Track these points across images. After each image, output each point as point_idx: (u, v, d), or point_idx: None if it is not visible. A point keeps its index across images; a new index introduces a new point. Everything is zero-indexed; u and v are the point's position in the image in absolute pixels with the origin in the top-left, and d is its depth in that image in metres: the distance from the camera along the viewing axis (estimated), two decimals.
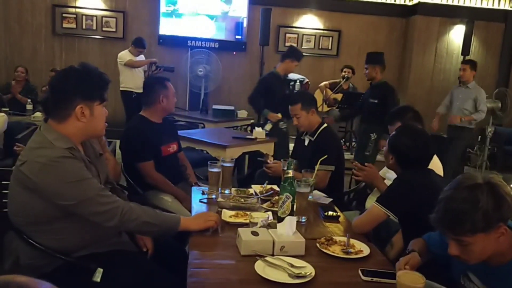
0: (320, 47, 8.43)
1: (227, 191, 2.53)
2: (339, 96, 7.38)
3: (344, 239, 1.97)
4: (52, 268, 1.86)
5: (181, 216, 2.01)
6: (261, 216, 2.13)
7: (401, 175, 2.16)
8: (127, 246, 2.06)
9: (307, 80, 8.08)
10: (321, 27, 8.36)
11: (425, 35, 8.30)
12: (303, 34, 8.34)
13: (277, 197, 2.45)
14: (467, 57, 7.18)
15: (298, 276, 1.60)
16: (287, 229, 1.87)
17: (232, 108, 6.21)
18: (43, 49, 7.70)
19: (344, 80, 7.15)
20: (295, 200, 2.15)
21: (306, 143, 3.26)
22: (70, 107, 1.81)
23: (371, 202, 2.81)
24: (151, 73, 7.01)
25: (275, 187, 2.64)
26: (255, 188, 2.65)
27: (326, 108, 7.52)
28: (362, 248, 1.91)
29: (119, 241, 2.03)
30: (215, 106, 6.25)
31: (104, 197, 1.82)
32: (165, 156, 3.05)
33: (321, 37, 8.38)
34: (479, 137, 7.45)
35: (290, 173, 2.17)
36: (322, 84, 7.61)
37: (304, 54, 8.36)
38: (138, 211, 1.88)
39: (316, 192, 2.73)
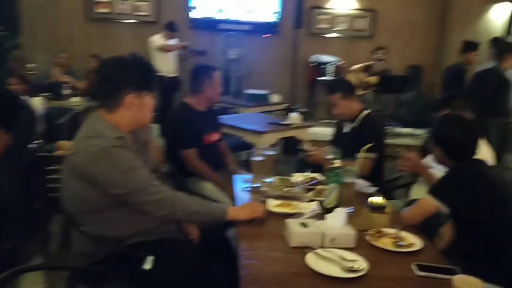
0: (354, 28, 8.25)
1: (270, 180, 2.52)
2: (372, 79, 7.23)
3: (394, 231, 1.93)
4: (103, 256, 1.90)
5: (229, 205, 2.01)
6: (307, 207, 2.12)
7: (455, 165, 2.09)
8: (175, 234, 2.08)
9: (340, 62, 7.96)
10: (356, 7, 8.16)
11: (464, 14, 8.00)
12: (336, 15, 8.17)
13: (321, 187, 2.42)
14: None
15: (350, 270, 1.58)
16: (337, 220, 1.84)
17: (265, 92, 6.16)
18: (78, 34, 7.80)
19: (379, 62, 6.99)
20: (341, 190, 2.12)
21: (346, 130, 3.21)
22: (121, 97, 1.83)
23: (416, 191, 2.77)
24: (184, 57, 7.03)
25: (318, 175, 2.61)
26: (297, 177, 2.63)
27: (360, 92, 7.39)
28: (414, 241, 1.86)
29: (167, 229, 2.04)
30: (248, 91, 6.21)
31: (155, 186, 1.84)
32: (207, 144, 3.06)
33: (355, 18, 8.19)
34: None
35: (337, 162, 2.14)
36: (355, 67, 7.46)
37: (336, 35, 8.29)
38: (187, 201, 1.89)
39: (359, 180, 2.69)
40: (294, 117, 4.40)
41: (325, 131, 7.04)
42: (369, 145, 2.61)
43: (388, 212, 2.25)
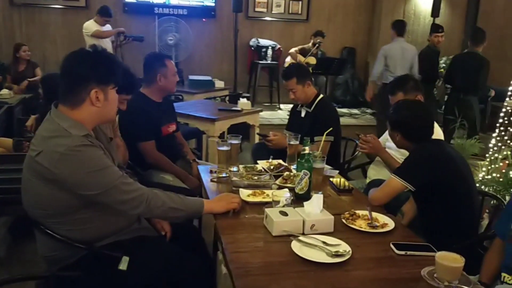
0: (290, 12, 8.32)
1: (235, 169, 2.51)
2: (311, 60, 7.36)
3: (366, 212, 2.00)
4: (76, 259, 1.81)
5: (203, 199, 1.98)
6: (280, 194, 2.13)
7: (418, 147, 2.20)
8: (148, 231, 2.03)
9: (279, 46, 8.02)
10: None
11: None
12: None
13: (288, 173, 2.45)
14: (437, 19, 7.30)
15: (336, 255, 1.62)
16: (315, 207, 1.88)
17: (209, 78, 6.10)
18: (1, 21, 7.22)
19: (316, 47, 7.16)
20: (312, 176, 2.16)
21: (302, 115, 3.25)
22: (85, 92, 1.73)
23: (372, 171, 2.88)
24: (119, 43, 6.75)
25: (282, 162, 2.64)
26: (262, 164, 2.64)
27: None
28: (386, 221, 1.94)
29: (140, 227, 1.99)
30: (191, 77, 6.10)
31: (128, 184, 1.77)
32: (164, 135, 2.98)
33: (290, 2, 8.26)
34: None
35: (307, 149, 2.17)
36: (293, 50, 7.55)
37: (274, 19, 8.33)
38: (163, 197, 1.84)
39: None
40: (244, 103, 4.40)
41: (271, 115, 7.18)
42: (330, 129, 2.67)
43: (354, 193, 2.33)
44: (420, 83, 2.82)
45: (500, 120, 4.68)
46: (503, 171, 3.82)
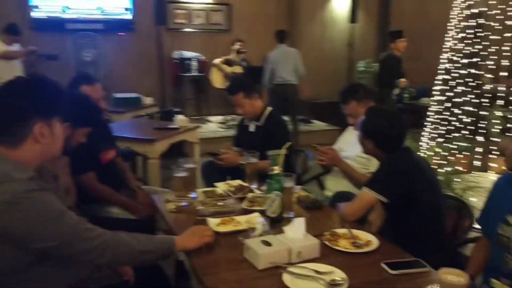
0: (211, 22, 8.19)
1: (193, 195, 2.31)
2: (237, 69, 7.30)
3: (345, 230, 1.91)
4: None
5: (174, 236, 1.77)
6: (252, 220, 1.98)
7: (388, 157, 2.15)
8: (110, 279, 1.77)
9: (203, 57, 7.85)
10: (211, 1, 8.11)
11: (310, 5, 8.52)
12: (192, 9, 8.01)
13: (253, 194, 2.31)
14: (355, 24, 7.57)
15: (334, 284, 1.50)
16: (297, 231, 1.74)
17: (137, 95, 5.76)
18: None
19: (239, 53, 7.13)
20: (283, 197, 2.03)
21: (252, 129, 3.12)
22: (27, 128, 1.46)
23: (331, 182, 2.82)
24: (32, 63, 6.19)
25: (242, 182, 2.49)
26: (221, 186, 2.47)
27: (227, 84, 7.38)
28: (369, 238, 1.86)
29: (101, 276, 1.73)
30: (116, 95, 5.73)
31: (89, 230, 1.52)
32: (104, 164, 2.69)
33: (211, 12, 8.14)
34: None
35: (276, 169, 2.04)
36: (217, 60, 7.43)
37: (195, 30, 8.15)
38: (129, 241, 1.60)
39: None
40: (182, 119, 4.18)
41: (202, 129, 6.97)
42: (288, 144, 2.55)
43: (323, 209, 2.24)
44: (369, 89, 2.81)
45: (428, 119, 4.91)
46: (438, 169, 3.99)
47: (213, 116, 7.94)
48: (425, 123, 4.98)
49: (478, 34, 4.85)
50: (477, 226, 1.97)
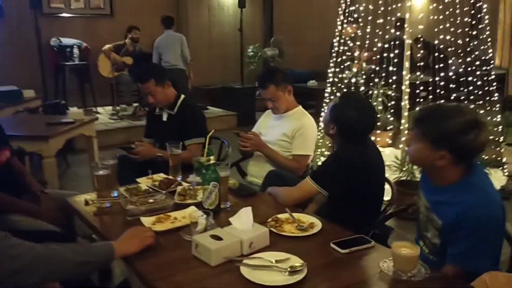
0: (91, 6, 7.61)
1: (115, 194, 2.12)
2: (128, 60, 6.93)
3: (286, 215, 1.90)
4: None
5: (111, 241, 1.59)
6: (190, 215, 1.87)
7: (338, 151, 2.14)
8: None
9: (85, 44, 7.28)
10: None
11: None
12: None
13: (183, 187, 2.18)
14: (244, 9, 7.59)
15: (293, 271, 1.47)
16: (245, 222, 1.68)
17: (15, 88, 5.13)
18: None
19: (134, 41, 6.79)
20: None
21: (165, 118, 2.95)
22: None
23: (254, 168, 2.79)
24: None
25: (164, 175, 2.34)
26: (144, 182, 2.30)
27: (115, 74, 6.96)
28: (310, 220, 1.87)
29: None
30: None
31: (14, 247, 1.30)
32: None
33: None
34: None
35: (212, 159, 1.95)
36: (106, 47, 6.96)
37: (74, 15, 7.50)
38: (63, 252, 1.41)
39: None
40: (76, 112, 3.83)
41: (98, 120, 6.46)
42: (212, 132, 2.46)
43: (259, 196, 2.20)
44: (286, 73, 2.81)
45: (325, 100, 5.14)
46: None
47: (100, 107, 7.44)
48: (323, 105, 5.22)
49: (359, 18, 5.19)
50: None
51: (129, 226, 1.72)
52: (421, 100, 5.10)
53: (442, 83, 4.95)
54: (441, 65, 4.85)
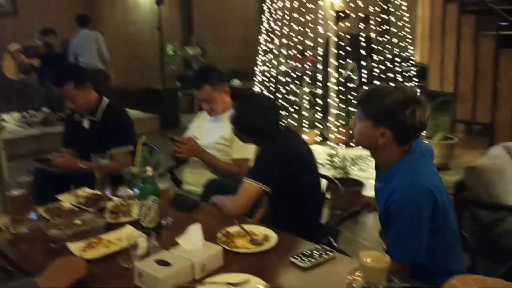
0: None
1: (33, 216, 1.80)
2: (35, 62, 6.36)
3: (236, 228, 1.72)
4: None
5: (34, 278, 1.30)
6: (125, 236, 1.63)
7: (266, 145, 2.02)
8: None
9: None
10: None
11: None
12: None
13: (112, 203, 1.92)
14: (162, 6, 7.27)
15: None
16: (195, 241, 1.48)
17: None
18: None
19: (45, 46, 6.27)
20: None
21: (86, 125, 2.62)
22: None
23: (190, 175, 2.58)
24: None
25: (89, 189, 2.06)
26: (67, 199, 1.99)
27: (22, 76, 6.33)
28: (263, 231, 1.70)
29: None
30: None
31: None
32: None
33: None
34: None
35: (150, 170, 1.71)
36: (14, 47, 6.30)
37: None
38: None
39: None
40: None
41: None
42: (144, 138, 2.21)
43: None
44: (222, 72, 2.62)
45: None
46: None
47: (5, 113, 6.73)
48: None
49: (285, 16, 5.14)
50: None
51: (55, 256, 1.44)
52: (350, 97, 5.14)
53: (365, 80, 5.05)
54: (366, 63, 4.93)
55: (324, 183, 2.30)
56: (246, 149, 2.47)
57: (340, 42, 4.97)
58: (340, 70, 4.93)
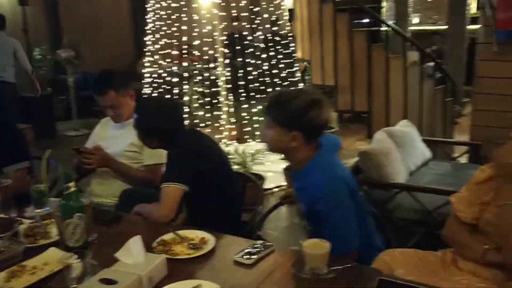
0: None
1: None
2: None
3: (170, 235, 1.68)
4: None
5: None
6: (52, 259, 1.50)
7: (172, 149, 1.99)
8: None
9: None
10: None
11: None
12: None
13: (26, 226, 1.75)
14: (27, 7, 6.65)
15: None
16: (137, 254, 1.41)
17: None
18: None
19: None
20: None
21: None
22: None
23: (100, 186, 2.47)
24: None
25: None
26: None
27: None
28: (200, 235, 1.69)
29: None
30: None
31: None
32: None
33: None
34: None
35: (72, 185, 1.59)
36: None
37: None
38: None
39: None
40: None
41: None
42: (48, 153, 2.02)
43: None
44: (125, 76, 2.50)
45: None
46: None
47: None
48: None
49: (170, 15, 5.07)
50: None
51: None
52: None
53: (251, 77, 5.20)
54: (253, 61, 5.08)
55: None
56: (158, 154, 2.41)
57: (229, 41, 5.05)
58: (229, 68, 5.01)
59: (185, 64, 5.62)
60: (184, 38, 5.02)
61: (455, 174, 3.55)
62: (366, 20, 6.41)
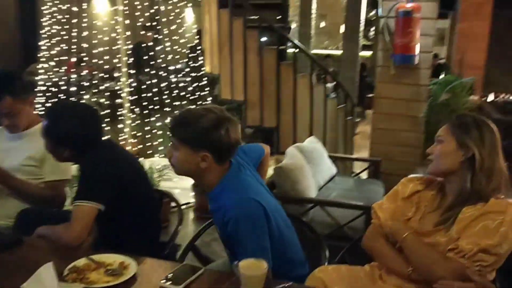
0: None
1: None
2: None
3: (83, 261, 1.48)
4: None
5: None
6: None
7: (86, 163, 1.78)
8: None
9: None
10: None
11: None
12: None
13: None
14: None
15: None
16: (49, 284, 1.21)
17: None
18: None
19: None
20: None
21: None
22: None
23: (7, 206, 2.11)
24: None
25: None
26: None
27: None
28: (118, 259, 1.51)
29: None
30: None
31: None
32: None
33: None
34: None
35: None
36: None
37: None
38: None
39: None
40: None
41: None
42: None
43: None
44: (27, 81, 2.20)
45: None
46: None
47: None
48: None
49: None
50: None
51: None
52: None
53: (156, 89, 5.01)
54: (161, 72, 4.90)
55: None
56: (61, 169, 2.17)
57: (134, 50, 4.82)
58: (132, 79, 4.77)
59: (83, 73, 5.26)
60: (85, 45, 4.69)
61: (359, 189, 3.72)
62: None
